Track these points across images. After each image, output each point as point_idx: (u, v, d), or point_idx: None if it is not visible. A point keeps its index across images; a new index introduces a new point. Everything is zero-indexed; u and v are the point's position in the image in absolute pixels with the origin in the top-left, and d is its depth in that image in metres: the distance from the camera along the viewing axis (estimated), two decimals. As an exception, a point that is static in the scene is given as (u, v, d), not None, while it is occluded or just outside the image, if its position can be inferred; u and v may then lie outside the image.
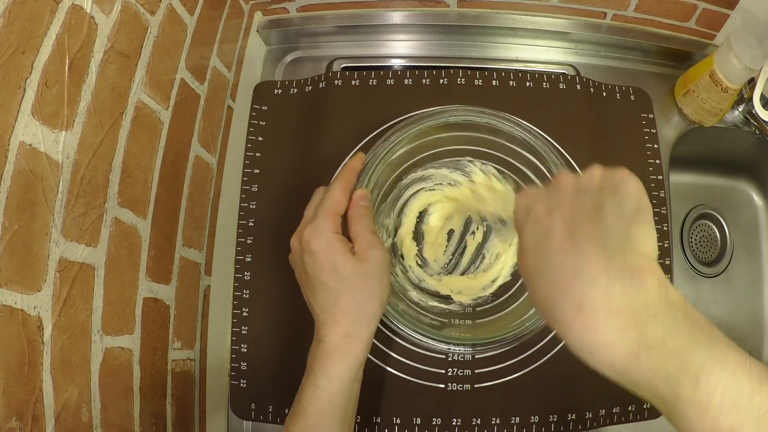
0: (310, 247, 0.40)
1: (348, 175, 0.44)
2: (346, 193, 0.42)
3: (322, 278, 0.40)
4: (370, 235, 0.41)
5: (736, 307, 0.72)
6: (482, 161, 0.55)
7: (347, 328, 0.40)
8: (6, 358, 0.30)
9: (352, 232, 0.41)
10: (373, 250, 0.40)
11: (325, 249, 0.39)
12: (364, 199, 0.43)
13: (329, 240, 0.40)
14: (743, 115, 0.64)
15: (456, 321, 0.52)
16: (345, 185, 0.43)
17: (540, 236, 0.31)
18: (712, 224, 0.75)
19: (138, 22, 0.42)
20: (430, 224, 0.56)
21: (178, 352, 0.49)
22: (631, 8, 0.62)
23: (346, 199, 0.42)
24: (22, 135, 0.31)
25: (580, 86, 0.62)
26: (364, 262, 0.40)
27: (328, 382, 0.39)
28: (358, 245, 0.41)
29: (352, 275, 0.39)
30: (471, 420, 0.53)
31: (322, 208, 0.41)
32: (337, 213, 0.41)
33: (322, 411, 0.39)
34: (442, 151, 0.55)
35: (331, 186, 0.43)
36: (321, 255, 0.39)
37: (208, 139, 0.55)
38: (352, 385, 0.41)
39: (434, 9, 0.64)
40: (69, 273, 0.35)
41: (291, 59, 0.67)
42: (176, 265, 0.49)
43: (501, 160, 0.54)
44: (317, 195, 0.44)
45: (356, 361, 0.40)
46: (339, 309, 0.40)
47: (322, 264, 0.39)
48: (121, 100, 0.41)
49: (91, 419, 0.37)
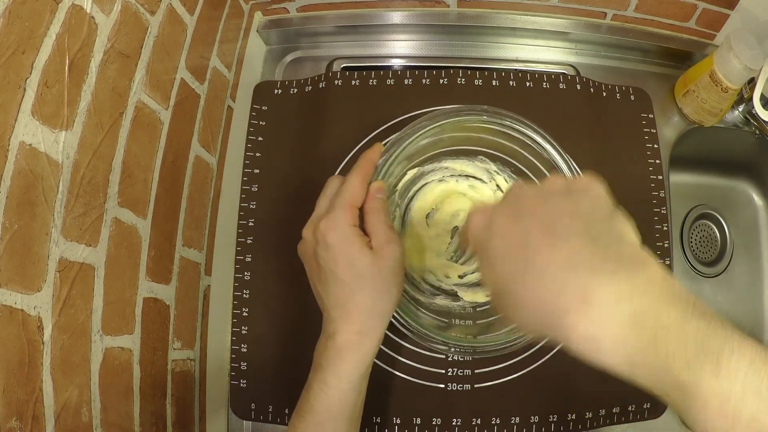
0: (326, 240, 0.38)
1: (366, 166, 0.42)
2: (364, 184, 0.41)
3: (337, 272, 0.38)
4: (387, 230, 0.40)
5: (736, 307, 0.72)
6: (496, 162, 0.55)
7: (360, 326, 0.39)
8: (6, 358, 0.30)
9: (369, 225, 0.40)
10: (391, 246, 0.39)
11: (343, 243, 0.38)
12: (380, 191, 0.41)
13: (347, 233, 0.38)
14: (743, 115, 0.64)
15: (457, 321, 0.52)
16: (364, 176, 0.41)
17: (512, 244, 0.29)
18: (712, 224, 0.75)
19: (138, 22, 0.42)
20: (436, 218, 0.56)
21: (178, 352, 0.49)
22: (631, 8, 0.62)
23: (364, 191, 0.41)
24: (22, 135, 0.31)
25: (580, 86, 0.62)
26: (381, 258, 0.39)
27: (338, 379, 0.38)
28: (375, 240, 0.39)
29: (369, 271, 0.38)
30: (471, 420, 0.53)
31: (340, 200, 0.39)
32: (355, 205, 0.40)
33: (330, 409, 0.38)
34: (457, 150, 0.54)
35: (349, 177, 0.41)
36: (337, 249, 0.38)
37: (208, 139, 0.55)
38: (362, 383, 0.40)
39: (434, 9, 0.64)
40: (69, 273, 0.35)
41: (291, 59, 0.67)
42: (176, 265, 0.49)
43: (511, 164, 0.54)
44: (331, 185, 0.42)
45: (367, 359, 0.39)
46: (353, 305, 0.38)
47: (337, 258, 0.38)
48: (121, 100, 0.41)
49: (91, 419, 0.37)
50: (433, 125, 0.47)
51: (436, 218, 0.56)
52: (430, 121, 0.47)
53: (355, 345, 0.39)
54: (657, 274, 0.26)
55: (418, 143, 0.48)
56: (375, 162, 0.43)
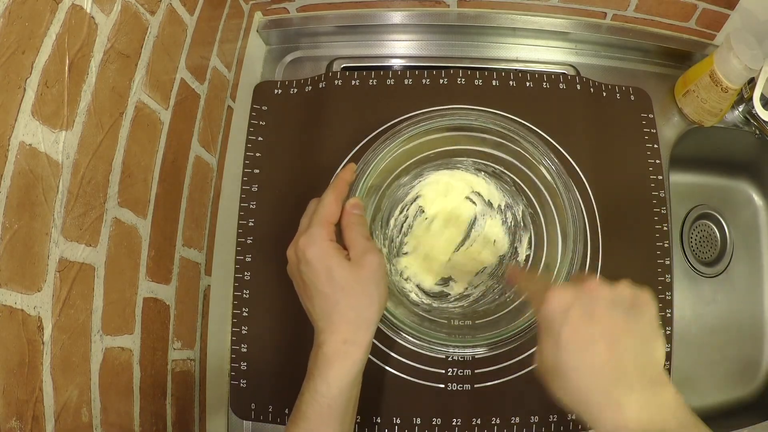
0: (305, 256, 0.40)
1: (339, 185, 0.44)
2: (338, 202, 0.43)
3: (319, 286, 0.40)
4: (364, 242, 0.41)
5: (736, 307, 0.72)
6: (474, 160, 0.55)
7: (346, 335, 0.40)
8: (6, 358, 0.30)
9: (347, 239, 0.42)
10: (369, 255, 0.40)
11: (321, 256, 0.40)
12: (356, 207, 0.44)
13: (324, 248, 0.40)
14: (743, 115, 0.64)
15: (456, 322, 0.52)
16: (336, 195, 0.43)
17: (580, 340, 0.35)
18: (712, 224, 0.75)
19: (138, 22, 0.42)
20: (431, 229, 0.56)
21: (178, 352, 0.49)
22: (631, 8, 0.62)
23: (339, 208, 0.43)
24: (22, 135, 0.31)
25: (580, 86, 0.62)
26: (360, 267, 0.40)
27: (328, 387, 0.39)
28: (353, 252, 0.41)
29: (348, 281, 0.40)
30: (471, 420, 0.53)
31: (316, 218, 0.42)
32: (331, 222, 0.42)
33: (321, 415, 0.40)
34: (437, 153, 0.55)
35: (323, 196, 0.43)
36: (316, 263, 0.40)
37: (208, 139, 0.55)
38: (351, 390, 0.41)
39: (434, 9, 0.64)
40: (69, 273, 0.35)
41: (291, 59, 0.67)
42: (176, 265, 0.49)
43: (491, 158, 0.54)
44: (311, 206, 0.45)
45: (355, 366, 0.40)
46: (337, 316, 0.40)
47: (318, 272, 0.40)
48: (121, 100, 0.41)
49: (91, 419, 0.37)
50: (403, 135, 0.48)
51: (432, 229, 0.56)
52: (399, 133, 0.48)
53: (342, 354, 0.40)
54: (670, 393, 0.35)
55: (390, 157, 0.49)
56: (348, 181, 0.45)
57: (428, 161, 0.55)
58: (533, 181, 0.52)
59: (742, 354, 0.70)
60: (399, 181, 0.55)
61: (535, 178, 0.52)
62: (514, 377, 0.54)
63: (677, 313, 0.63)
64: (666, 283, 0.57)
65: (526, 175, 0.52)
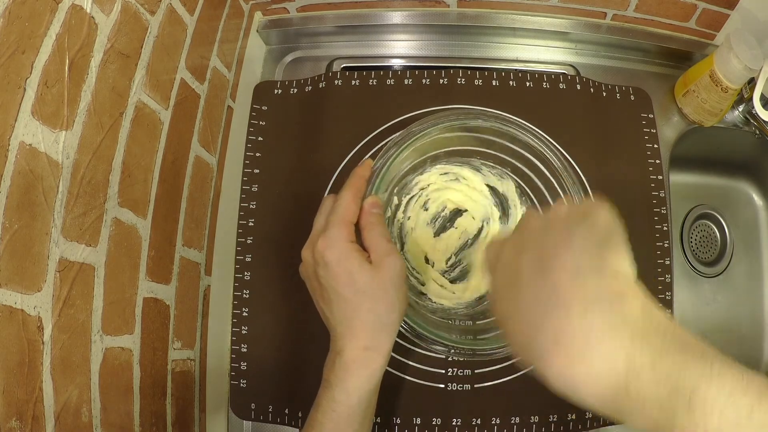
0: (324, 259, 0.38)
1: (357, 183, 0.42)
2: (356, 200, 0.41)
3: (339, 290, 0.38)
4: (385, 243, 0.40)
5: (736, 307, 0.72)
6: (483, 161, 0.55)
7: (366, 341, 0.38)
8: (6, 358, 0.30)
9: (367, 240, 0.40)
10: (390, 259, 0.39)
11: (341, 260, 0.38)
12: (375, 206, 0.42)
13: (344, 250, 0.38)
14: (743, 115, 0.64)
15: (458, 322, 0.52)
16: (355, 193, 0.41)
17: (509, 279, 0.30)
18: (712, 224, 0.75)
19: (138, 22, 0.42)
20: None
21: (178, 352, 0.49)
22: (631, 8, 0.62)
23: (358, 207, 0.41)
24: (22, 135, 0.31)
25: (580, 86, 0.62)
26: (381, 271, 0.38)
27: (347, 396, 0.38)
28: (374, 254, 0.39)
29: (370, 286, 0.38)
30: (471, 420, 0.53)
31: (334, 217, 0.39)
32: (350, 222, 0.40)
33: (338, 425, 0.38)
34: (449, 151, 0.55)
35: (341, 194, 0.41)
36: (336, 266, 0.38)
37: (208, 139, 0.55)
38: (371, 398, 0.40)
39: (434, 9, 0.64)
40: (69, 273, 0.35)
41: (291, 59, 0.67)
42: (176, 265, 0.49)
43: (502, 161, 0.54)
44: (326, 204, 0.42)
45: (376, 374, 0.39)
46: (358, 321, 0.38)
47: (337, 275, 0.38)
48: (121, 100, 0.41)
49: (91, 419, 0.37)
50: (423, 133, 0.47)
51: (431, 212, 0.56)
52: (418, 130, 0.47)
53: (362, 361, 0.38)
54: (634, 308, 0.26)
55: (406, 153, 0.48)
56: (365, 178, 0.43)
57: (437, 159, 0.55)
58: (537, 185, 0.52)
59: (742, 354, 0.70)
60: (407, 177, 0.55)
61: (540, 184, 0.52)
62: (514, 377, 0.54)
63: (677, 313, 0.62)
64: (666, 283, 0.57)
65: (529, 177, 0.52)
